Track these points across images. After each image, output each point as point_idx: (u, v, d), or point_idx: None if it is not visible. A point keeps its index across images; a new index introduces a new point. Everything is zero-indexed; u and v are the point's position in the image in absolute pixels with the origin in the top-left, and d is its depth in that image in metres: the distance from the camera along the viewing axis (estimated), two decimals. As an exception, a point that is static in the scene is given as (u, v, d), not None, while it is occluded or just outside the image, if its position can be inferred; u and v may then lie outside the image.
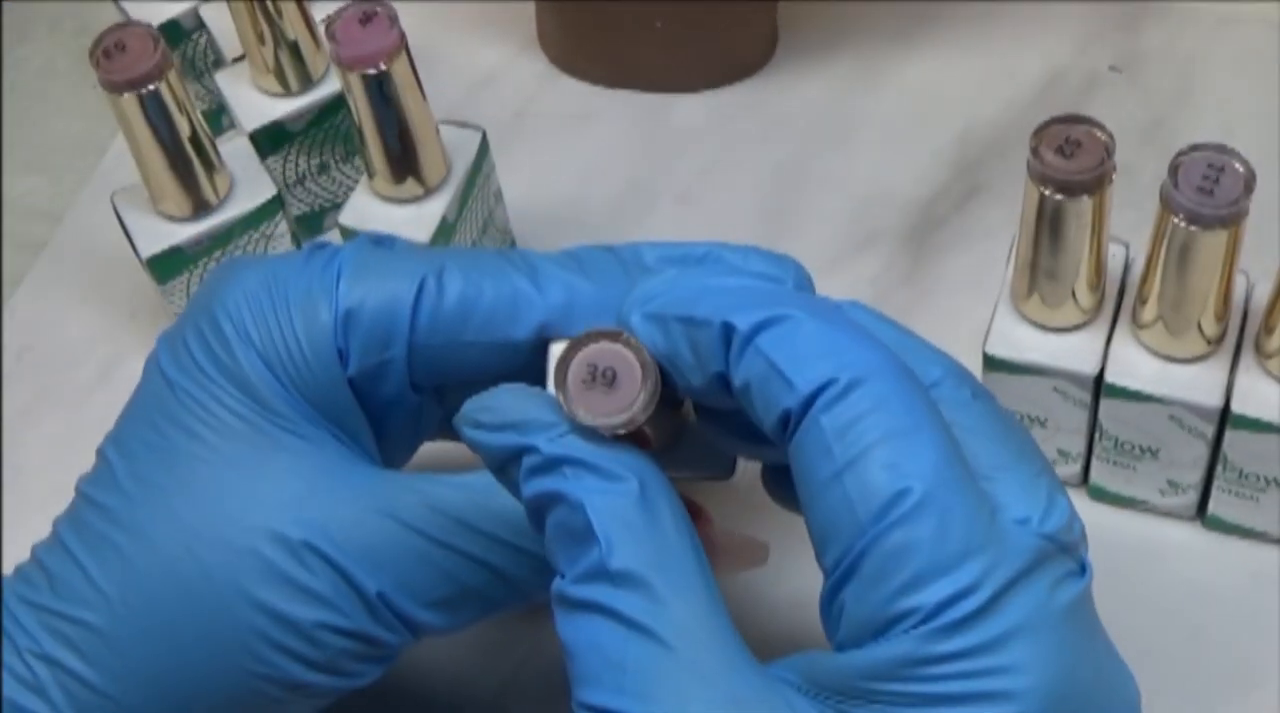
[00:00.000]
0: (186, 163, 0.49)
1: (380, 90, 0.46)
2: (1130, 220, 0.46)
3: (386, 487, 0.39)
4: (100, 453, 0.41)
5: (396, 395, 0.41)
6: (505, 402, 0.35)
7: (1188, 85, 0.57)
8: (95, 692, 0.38)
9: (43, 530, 0.51)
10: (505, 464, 0.35)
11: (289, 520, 0.38)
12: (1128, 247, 0.45)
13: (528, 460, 0.34)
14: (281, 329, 0.40)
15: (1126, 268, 0.45)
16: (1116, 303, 0.45)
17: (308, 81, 0.53)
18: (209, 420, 0.39)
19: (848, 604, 0.32)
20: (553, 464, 0.34)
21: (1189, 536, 0.47)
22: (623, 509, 0.33)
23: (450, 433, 0.43)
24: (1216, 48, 0.58)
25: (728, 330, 0.33)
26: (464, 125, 0.51)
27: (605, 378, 0.34)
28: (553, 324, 0.40)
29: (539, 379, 0.38)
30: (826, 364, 0.32)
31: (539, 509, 0.34)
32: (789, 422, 0.33)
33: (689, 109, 0.59)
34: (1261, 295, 0.44)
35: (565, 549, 0.34)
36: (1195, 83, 0.57)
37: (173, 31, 0.55)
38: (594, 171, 0.58)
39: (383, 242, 0.42)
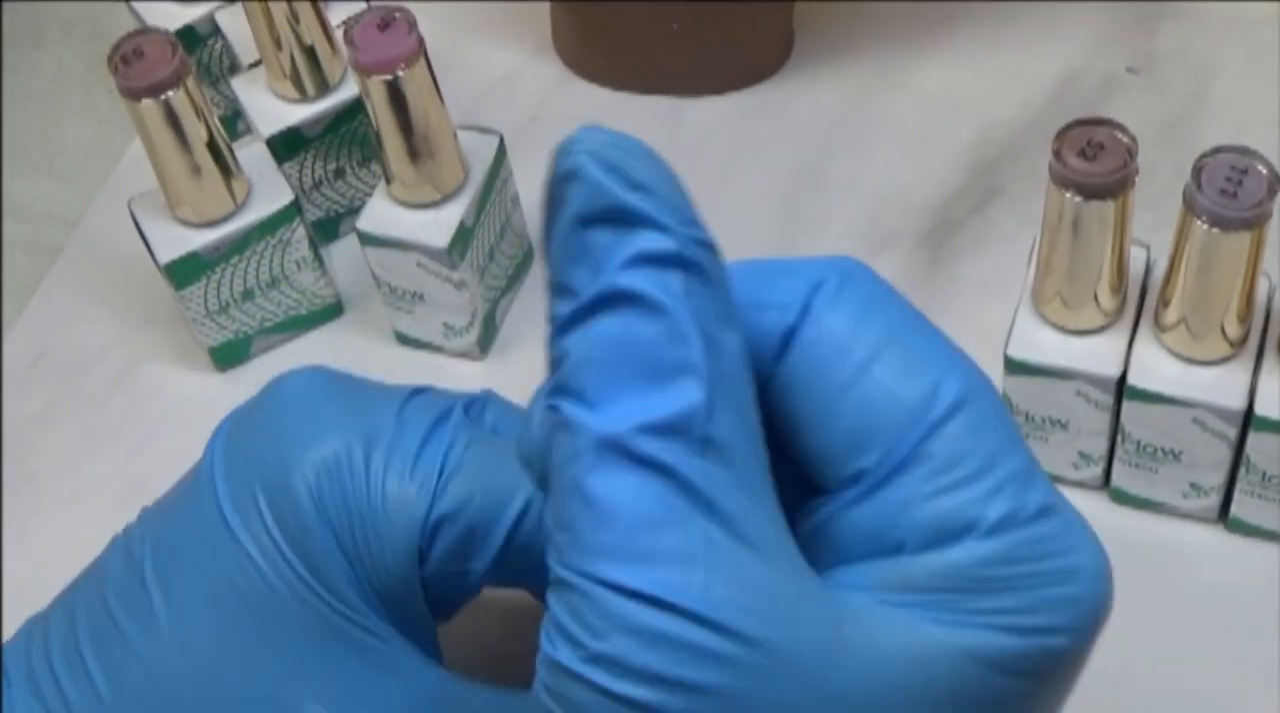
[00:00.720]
0: (204, 169, 0.49)
1: (398, 96, 0.46)
2: (1148, 222, 0.46)
3: (449, 704, 0.36)
4: (136, 566, 0.37)
5: (463, 594, 0.38)
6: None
7: (1204, 86, 0.57)
8: None
9: (54, 534, 0.51)
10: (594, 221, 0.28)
11: None
12: (1149, 249, 0.45)
13: (648, 242, 0.28)
14: (363, 514, 0.36)
15: (1148, 270, 0.45)
16: (1138, 305, 0.45)
17: (324, 87, 0.53)
18: (270, 595, 0.36)
19: (911, 502, 0.29)
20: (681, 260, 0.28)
21: (1211, 538, 0.47)
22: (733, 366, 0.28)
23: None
24: (1232, 48, 0.58)
25: None
26: (482, 130, 0.51)
27: None
28: None
29: None
30: (801, 274, 0.30)
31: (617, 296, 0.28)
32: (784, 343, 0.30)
33: (704, 112, 0.59)
34: (1284, 297, 0.44)
35: (627, 375, 0.27)
36: (1211, 84, 0.57)
37: (188, 37, 0.55)
38: (609, 175, 0.57)
39: (483, 404, 0.39)
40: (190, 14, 0.55)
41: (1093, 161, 0.41)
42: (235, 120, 0.56)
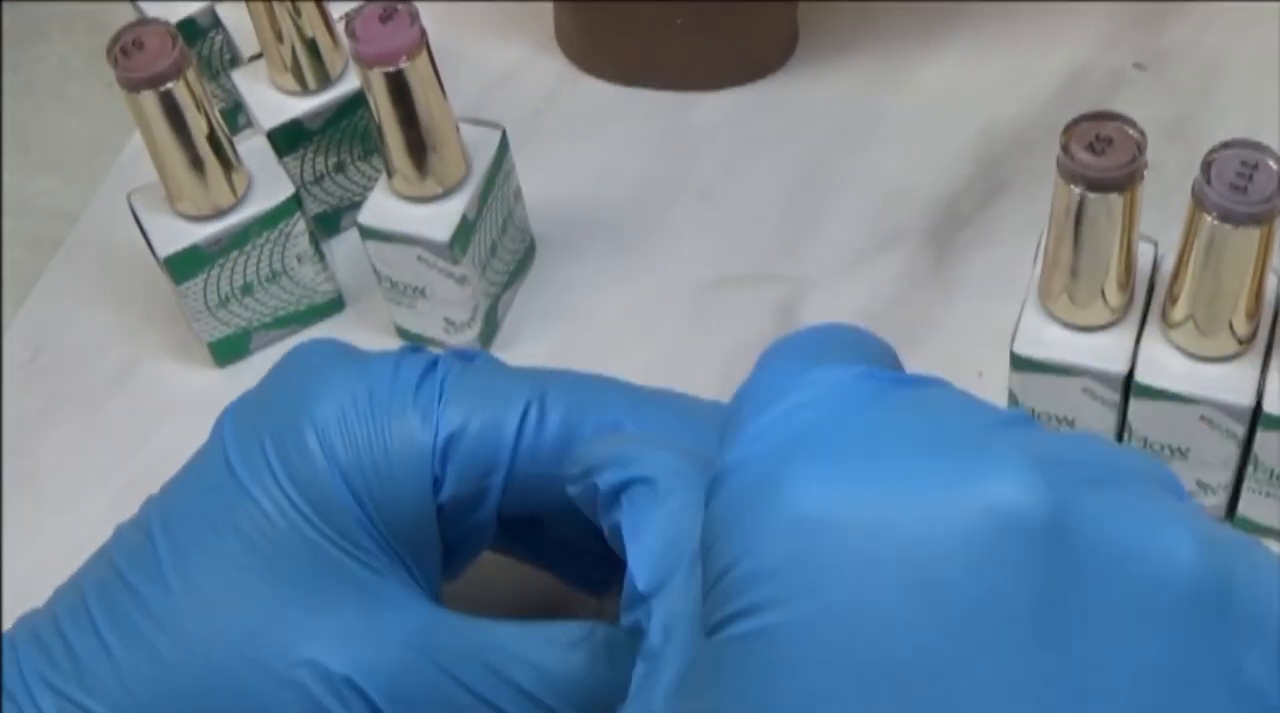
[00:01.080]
0: (204, 162, 0.48)
1: (401, 88, 0.46)
2: (1155, 218, 0.46)
3: (444, 634, 0.38)
4: (143, 527, 0.39)
5: (482, 522, 0.39)
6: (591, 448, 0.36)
7: (1211, 83, 0.57)
8: None
9: (54, 530, 0.51)
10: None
11: (337, 655, 0.37)
12: (1156, 244, 0.45)
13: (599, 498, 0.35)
14: (374, 451, 0.38)
15: (1156, 266, 0.45)
16: (1146, 302, 0.44)
17: (325, 80, 0.52)
18: (274, 535, 0.37)
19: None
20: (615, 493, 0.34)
21: (1218, 537, 0.46)
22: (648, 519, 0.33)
23: (501, 545, 0.43)
24: (1240, 45, 0.57)
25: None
26: (484, 123, 0.50)
27: None
28: None
29: None
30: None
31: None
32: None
33: (709, 108, 0.59)
34: (1293, 294, 0.43)
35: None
36: (1219, 80, 0.57)
37: (189, 30, 0.55)
38: (613, 170, 0.57)
39: (470, 357, 0.41)
40: (191, 7, 0.55)
41: (1101, 156, 0.40)
42: (236, 114, 0.55)
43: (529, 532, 0.42)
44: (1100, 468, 0.29)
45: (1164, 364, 0.43)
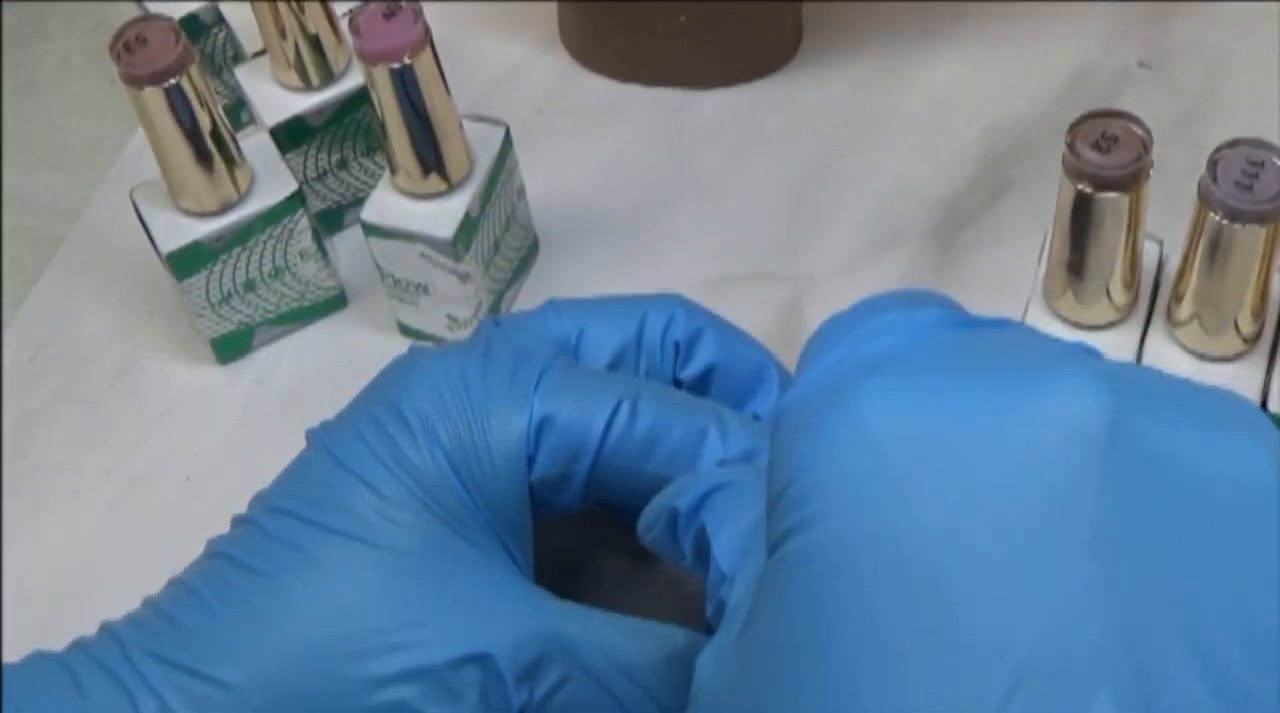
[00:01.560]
0: (207, 158, 0.48)
1: (404, 84, 0.46)
2: (1160, 218, 0.46)
3: (553, 611, 0.39)
4: (246, 520, 0.40)
5: (565, 507, 0.41)
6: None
7: (1216, 82, 0.56)
8: None
9: (54, 528, 0.51)
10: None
11: (448, 627, 0.37)
12: (1161, 244, 0.45)
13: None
14: (471, 430, 0.39)
15: (1161, 265, 0.44)
16: (1150, 301, 0.44)
17: (329, 76, 0.52)
18: (381, 509, 0.38)
19: None
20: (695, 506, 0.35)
21: (1223, 537, 0.46)
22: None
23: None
24: (1245, 44, 0.57)
25: None
26: (487, 121, 0.50)
27: None
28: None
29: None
30: None
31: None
32: None
33: (712, 106, 0.58)
34: (1299, 293, 0.43)
35: None
36: (1224, 79, 0.57)
37: (192, 26, 0.55)
38: (616, 168, 0.57)
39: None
40: (194, 3, 0.55)
41: (1107, 154, 0.40)
42: (239, 111, 0.55)
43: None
44: (1168, 388, 0.28)
45: (1169, 363, 0.43)
